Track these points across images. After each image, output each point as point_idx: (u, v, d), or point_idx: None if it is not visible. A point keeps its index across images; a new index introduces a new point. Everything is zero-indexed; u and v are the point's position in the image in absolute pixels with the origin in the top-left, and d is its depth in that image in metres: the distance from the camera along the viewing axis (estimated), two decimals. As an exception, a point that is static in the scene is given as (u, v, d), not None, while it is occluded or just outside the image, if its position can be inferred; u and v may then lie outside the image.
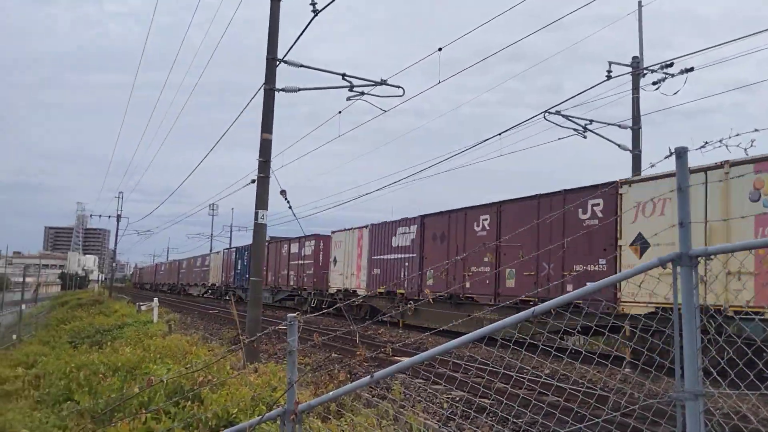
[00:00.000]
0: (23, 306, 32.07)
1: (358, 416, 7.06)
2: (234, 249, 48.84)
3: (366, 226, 27.07)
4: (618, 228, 14.61)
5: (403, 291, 23.48)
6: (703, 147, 3.11)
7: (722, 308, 10.65)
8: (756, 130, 2.97)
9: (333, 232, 30.78)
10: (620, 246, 14.71)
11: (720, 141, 3.06)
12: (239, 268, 46.67)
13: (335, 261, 29.99)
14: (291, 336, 3.65)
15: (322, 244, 32.74)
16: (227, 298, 45.78)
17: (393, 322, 25.12)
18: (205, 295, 58.19)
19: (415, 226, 23.15)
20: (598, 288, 3.29)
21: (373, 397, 9.15)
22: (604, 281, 3.27)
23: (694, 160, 3.19)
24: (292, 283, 36.39)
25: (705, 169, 12.44)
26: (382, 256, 25.42)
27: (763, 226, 11.28)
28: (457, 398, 9.29)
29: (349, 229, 29.03)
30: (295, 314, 3.71)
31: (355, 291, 27.29)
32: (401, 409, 7.57)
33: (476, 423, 7.44)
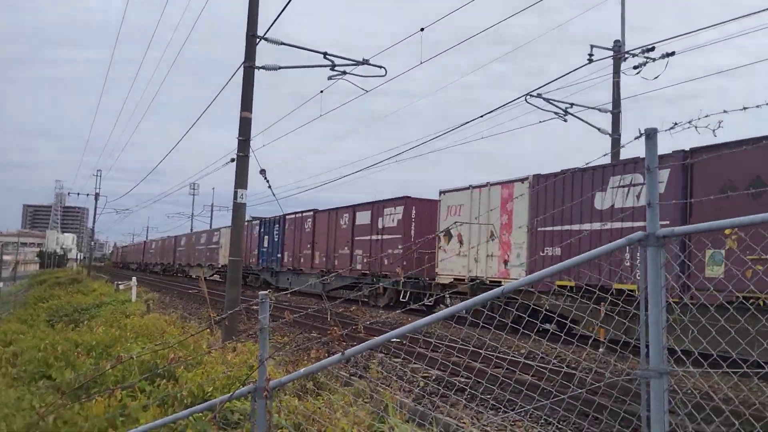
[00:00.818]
0: (1, 284, 31.78)
1: (335, 394, 7.11)
2: (258, 221, 38.51)
3: (522, 179, 17.21)
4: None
5: (633, 287, 12.95)
6: (672, 128, 3.14)
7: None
8: (725, 112, 3.00)
9: (444, 192, 20.77)
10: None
11: (689, 122, 3.08)
12: (266, 245, 36.83)
13: (449, 236, 20.08)
14: (262, 313, 3.65)
15: (415, 210, 23.16)
16: (251, 283, 38.50)
17: (369, 302, 24.96)
18: (212, 278, 47.87)
19: (666, 171, 13.27)
20: (568, 267, 3.32)
21: (350, 376, 9.22)
22: (574, 259, 3.29)
23: (664, 142, 3.22)
24: (359, 266, 25.82)
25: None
26: (565, 227, 15.60)
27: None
28: (433, 377, 9.38)
29: (479, 186, 19.00)
30: (266, 292, 3.71)
31: (500, 282, 17.29)
32: (377, 388, 7.63)
33: (450, 401, 7.52)
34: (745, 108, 3.13)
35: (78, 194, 63.65)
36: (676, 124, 3.13)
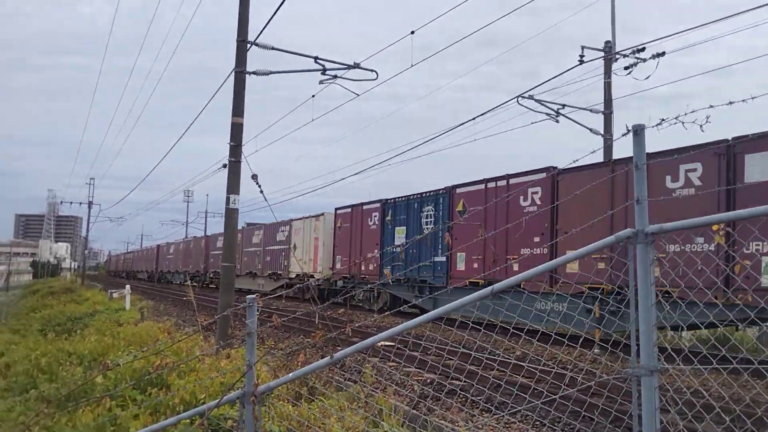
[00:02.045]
0: (-7, 295, 31.59)
1: (329, 400, 7.06)
2: (380, 203, 23.82)
3: None
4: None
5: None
6: (659, 124, 3.12)
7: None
8: (711, 107, 2.99)
9: None
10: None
11: (676, 118, 3.06)
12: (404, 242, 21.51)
13: None
14: (250, 317, 3.61)
15: None
16: (364, 304, 24.56)
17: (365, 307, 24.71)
18: (273, 292, 26.71)
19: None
20: (555, 266, 3.30)
21: (345, 381, 9.16)
22: (561, 258, 3.27)
23: (651, 138, 3.19)
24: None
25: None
26: None
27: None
28: (429, 380, 9.34)
29: None
30: (254, 296, 3.67)
31: None
32: (372, 393, 7.58)
33: (445, 404, 7.48)
34: (731, 102, 3.11)
35: (71, 203, 63.50)
36: (663, 120, 3.12)
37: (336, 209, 27.42)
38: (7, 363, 11.40)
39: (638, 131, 3.12)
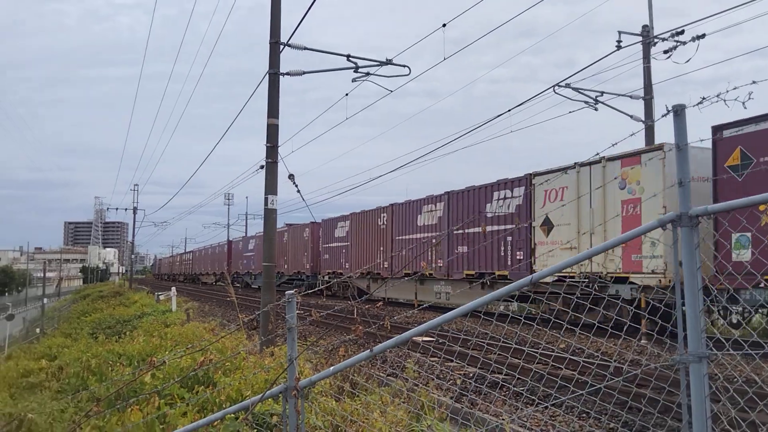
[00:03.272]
0: (45, 300, 32.70)
1: (372, 395, 7.08)
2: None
3: None
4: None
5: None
6: (700, 103, 3.02)
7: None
8: (754, 82, 2.88)
9: None
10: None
11: (717, 96, 2.96)
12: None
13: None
14: (290, 313, 3.63)
15: None
16: None
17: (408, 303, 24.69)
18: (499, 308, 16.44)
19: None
20: (596, 253, 3.23)
21: (387, 376, 9.19)
22: (601, 245, 3.20)
23: (692, 118, 3.10)
24: None
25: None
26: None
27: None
28: (471, 375, 9.28)
29: None
30: (293, 291, 3.69)
31: None
32: (414, 387, 7.57)
33: (488, 397, 7.42)
34: (776, 77, 3.00)
35: (117, 209, 64.85)
36: (704, 98, 3.02)
37: (716, 128, 12.66)
38: (60, 365, 11.76)
39: (679, 111, 3.03)
